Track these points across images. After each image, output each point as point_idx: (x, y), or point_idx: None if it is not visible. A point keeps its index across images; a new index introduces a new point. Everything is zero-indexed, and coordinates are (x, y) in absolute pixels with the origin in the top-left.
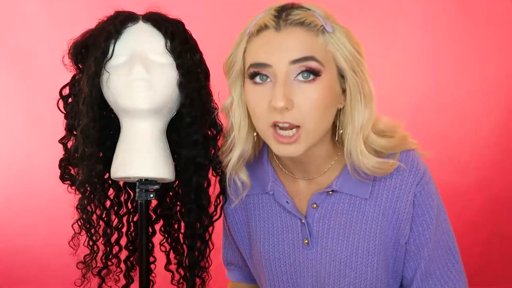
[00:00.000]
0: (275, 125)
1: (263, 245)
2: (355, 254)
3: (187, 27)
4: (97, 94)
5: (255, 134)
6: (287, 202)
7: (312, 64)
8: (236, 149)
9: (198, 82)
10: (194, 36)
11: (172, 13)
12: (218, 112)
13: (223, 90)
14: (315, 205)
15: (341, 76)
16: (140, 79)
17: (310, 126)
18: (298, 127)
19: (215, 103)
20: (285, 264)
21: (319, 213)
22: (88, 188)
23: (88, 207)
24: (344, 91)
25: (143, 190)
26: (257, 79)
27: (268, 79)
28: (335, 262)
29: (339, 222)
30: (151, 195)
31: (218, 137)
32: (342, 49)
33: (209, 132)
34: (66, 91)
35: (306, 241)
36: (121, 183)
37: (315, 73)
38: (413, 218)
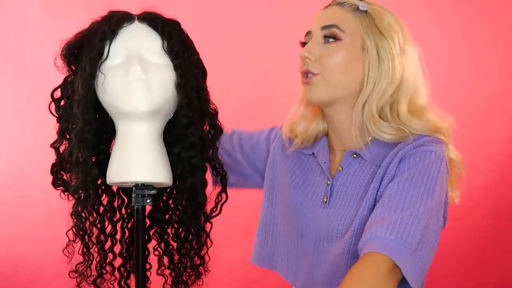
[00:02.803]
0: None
1: (293, 198)
2: (359, 218)
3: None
4: (92, 97)
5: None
6: (325, 162)
7: (334, 30)
8: (296, 103)
9: (196, 83)
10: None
11: (167, 13)
12: (217, 113)
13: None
14: (340, 168)
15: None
16: (138, 80)
17: (327, 76)
18: (317, 75)
19: (214, 104)
20: (307, 218)
21: (342, 176)
22: (83, 194)
23: (83, 214)
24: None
25: (140, 195)
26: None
27: None
28: (340, 221)
29: (357, 187)
30: (148, 200)
31: (217, 138)
32: (368, 25)
33: (208, 134)
34: (58, 93)
35: (325, 200)
36: (114, 188)
37: (335, 37)
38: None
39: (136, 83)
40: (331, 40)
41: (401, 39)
